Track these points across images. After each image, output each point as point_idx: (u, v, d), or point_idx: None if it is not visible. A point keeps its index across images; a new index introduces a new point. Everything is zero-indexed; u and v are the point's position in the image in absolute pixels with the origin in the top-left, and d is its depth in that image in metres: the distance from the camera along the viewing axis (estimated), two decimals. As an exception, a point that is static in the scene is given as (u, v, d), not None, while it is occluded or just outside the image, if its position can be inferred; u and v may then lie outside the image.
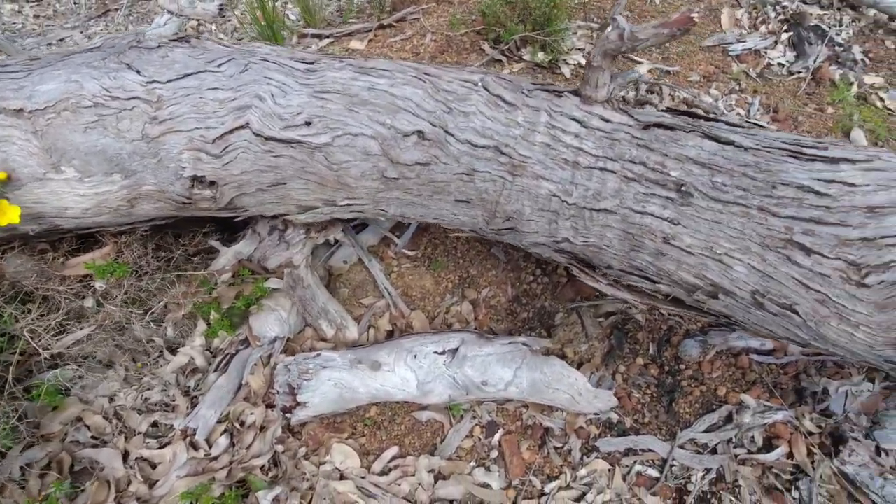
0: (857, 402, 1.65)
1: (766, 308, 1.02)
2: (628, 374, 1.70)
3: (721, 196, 1.00)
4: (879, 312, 0.89)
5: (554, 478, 1.55)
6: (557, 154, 1.13)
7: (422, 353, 1.47)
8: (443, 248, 1.92)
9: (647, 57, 2.60)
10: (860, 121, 2.44)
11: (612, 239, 1.14)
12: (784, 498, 1.52)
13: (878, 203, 0.89)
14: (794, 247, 0.94)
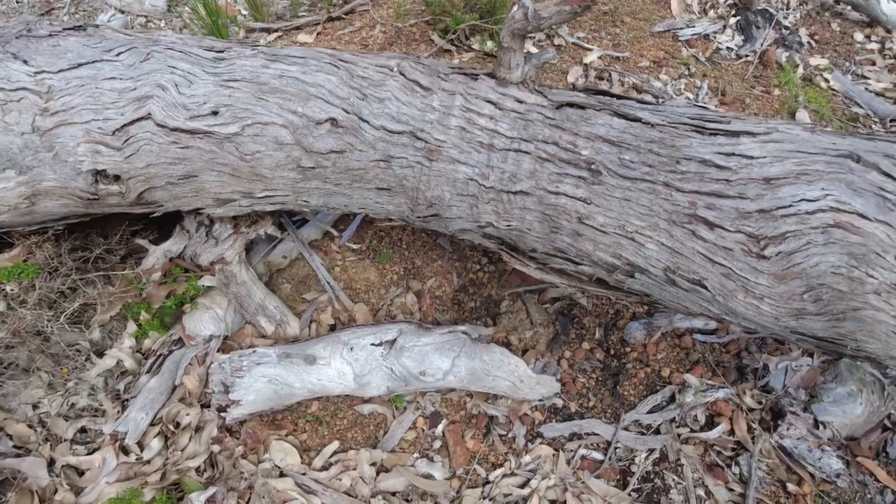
0: (797, 377, 1.67)
1: (678, 285, 1.01)
2: (574, 359, 1.70)
3: (629, 173, 1.00)
4: (779, 283, 0.89)
5: (498, 465, 1.54)
6: (473, 137, 1.11)
7: (358, 346, 1.45)
8: (388, 240, 1.89)
9: (598, 44, 2.61)
10: (805, 101, 2.47)
11: (533, 221, 1.13)
12: (725, 474, 1.53)
13: (774, 175, 0.89)
14: (699, 221, 0.94)
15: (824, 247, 0.84)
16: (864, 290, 0.82)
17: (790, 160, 0.89)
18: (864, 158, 0.84)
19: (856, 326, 0.86)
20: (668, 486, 1.52)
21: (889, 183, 0.81)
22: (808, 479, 1.52)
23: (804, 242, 0.85)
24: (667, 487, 1.52)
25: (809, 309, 0.89)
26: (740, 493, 1.49)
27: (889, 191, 0.81)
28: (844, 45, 2.76)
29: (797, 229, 0.86)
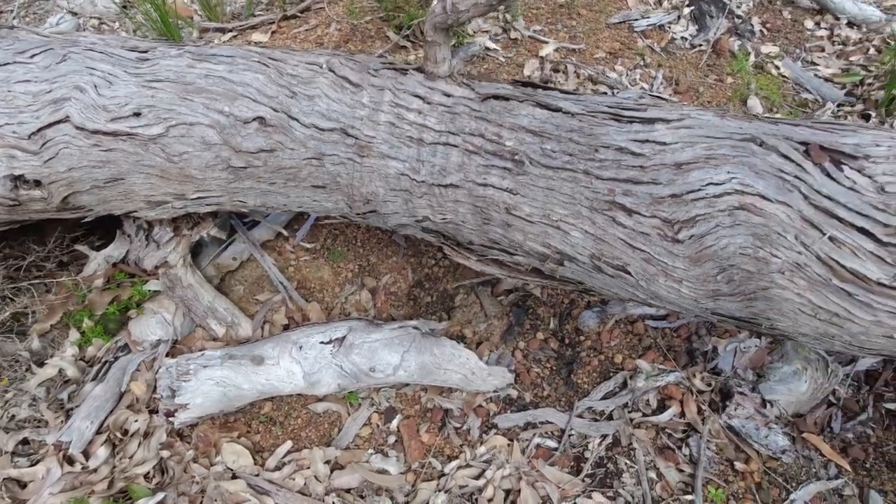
0: (745, 358, 1.71)
1: (604, 271, 1.03)
2: (528, 350, 1.72)
3: (551, 163, 1.01)
4: (694, 266, 0.91)
5: (454, 458, 1.55)
6: (402, 132, 1.11)
7: (308, 345, 1.45)
8: (343, 238, 1.89)
9: (554, 36, 2.62)
10: (757, 89, 2.51)
11: (466, 214, 1.13)
12: (676, 455, 1.56)
13: (685, 160, 0.91)
14: (617, 208, 0.95)
15: (731, 228, 0.86)
16: (769, 269, 0.84)
17: (700, 145, 0.90)
18: (765, 142, 0.86)
19: (766, 305, 0.88)
20: (620, 470, 1.54)
21: (788, 165, 0.83)
22: (756, 456, 1.55)
23: (713, 225, 0.87)
24: (619, 471, 1.54)
25: (724, 290, 0.91)
26: (690, 474, 1.52)
27: (787, 172, 0.83)
28: (795, 33, 2.82)
29: (706, 212, 0.88)
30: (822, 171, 0.79)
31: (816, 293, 0.81)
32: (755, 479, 1.52)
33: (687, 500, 1.48)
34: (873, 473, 1.55)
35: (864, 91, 2.49)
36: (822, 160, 0.80)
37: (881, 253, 0.75)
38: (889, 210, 0.75)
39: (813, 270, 0.80)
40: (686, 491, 1.50)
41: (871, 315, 0.78)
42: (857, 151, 0.79)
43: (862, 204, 0.76)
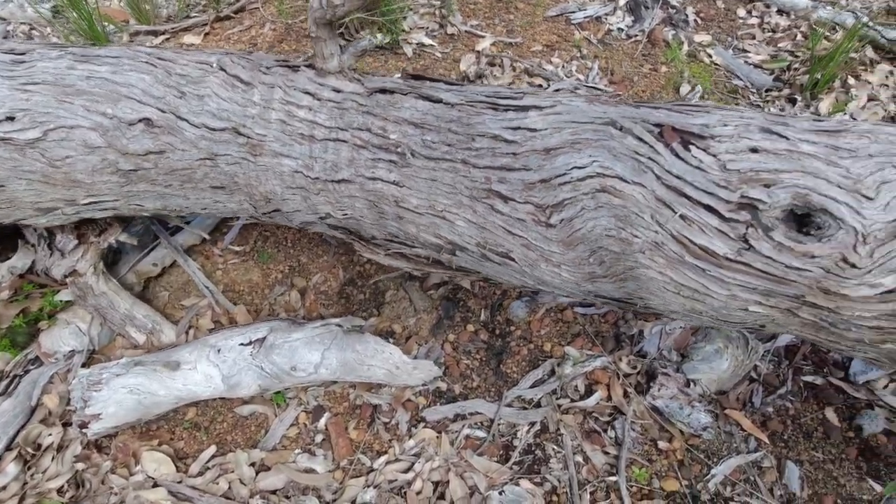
0: (670, 340, 1.74)
1: (490, 259, 1.04)
2: (458, 342, 1.73)
3: (432, 154, 1.01)
4: (568, 250, 0.93)
5: (383, 453, 1.55)
6: (294, 129, 1.11)
7: (226, 347, 1.43)
8: (273, 239, 1.87)
9: (492, 30, 2.63)
10: (689, 77, 2.56)
11: (362, 209, 1.13)
12: (602, 438, 1.58)
13: (553, 145, 0.92)
14: (494, 196, 0.96)
15: (595, 211, 0.88)
16: (632, 249, 0.86)
17: (566, 130, 0.92)
18: (623, 125, 0.88)
19: (636, 285, 0.90)
20: (548, 456, 1.56)
21: (642, 147, 0.85)
22: (679, 435, 1.59)
23: (579, 208, 0.89)
24: (547, 457, 1.56)
25: (598, 272, 0.93)
26: (615, 455, 1.55)
27: (642, 154, 0.84)
28: (728, 22, 2.88)
29: (573, 196, 0.89)
30: (671, 152, 0.81)
31: (675, 270, 0.83)
32: (678, 457, 1.56)
33: (611, 481, 1.51)
34: (791, 444, 1.59)
35: (790, 76, 2.56)
36: (674, 141, 0.82)
37: (725, 228, 0.77)
38: (730, 187, 0.77)
39: (670, 248, 0.82)
40: (611, 472, 1.52)
41: (726, 290, 0.80)
42: (704, 131, 0.81)
43: (707, 182, 0.78)
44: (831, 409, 1.65)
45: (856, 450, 1.58)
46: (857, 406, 1.66)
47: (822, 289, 0.74)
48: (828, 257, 0.72)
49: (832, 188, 0.72)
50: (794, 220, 0.75)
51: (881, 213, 0.70)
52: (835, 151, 0.74)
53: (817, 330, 0.81)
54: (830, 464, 1.56)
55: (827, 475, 1.55)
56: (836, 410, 1.65)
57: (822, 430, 1.63)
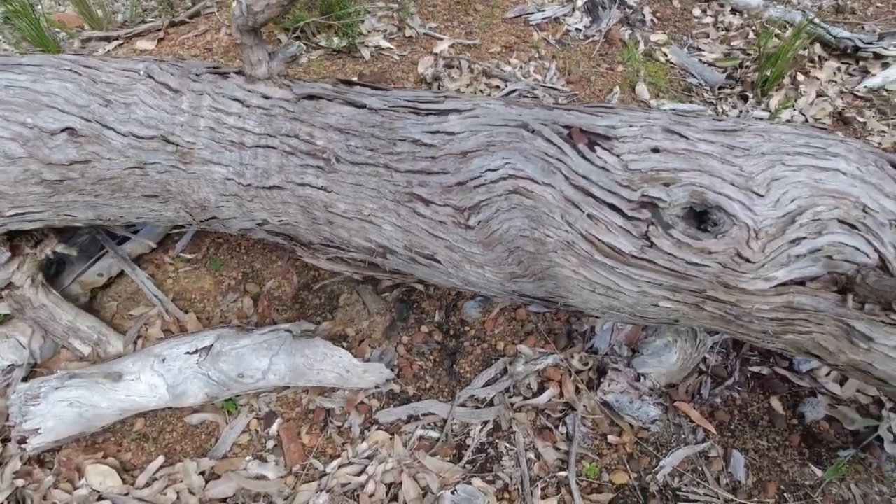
0: (622, 335, 1.77)
1: (418, 261, 1.05)
2: (412, 344, 1.73)
3: (356, 159, 1.02)
4: (488, 251, 0.94)
5: (336, 456, 1.55)
6: (224, 136, 1.11)
7: (171, 356, 1.42)
8: (227, 246, 1.86)
9: (450, 33, 2.65)
10: (646, 76, 2.60)
11: (297, 214, 1.14)
12: (553, 435, 1.60)
13: (469, 148, 0.93)
14: (416, 199, 0.98)
15: (509, 212, 0.89)
16: (546, 249, 0.88)
17: (482, 133, 0.93)
18: (534, 127, 0.89)
19: (554, 284, 0.92)
20: (500, 454, 1.58)
21: (551, 148, 0.87)
22: (628, 429, 1.61)
23: (494, 210, 0.90)
24: (499, 455, 1.58)
25: (518, 272, 0.95)
26: (566, 451, 1.57)
27: (551, 155, 0.86)
28: (684, 21, 2.94)
29: (487, 198, 0.91)
30: (578, 153, 0.83)
31: (587, 269, 0.85)
32: (627, 450, 1.58)
33: (562, 476, 1.53)
34: (737, 434, 1.63)
35: (742, 74, 2.62)
36: (581, 142, 0.84)
37: (628, 227, 0.79)
38: (632, 186, 0.79)
39: (580, 247, 0.84)
40: (562, 468, 1.54)
41: (636, 286, 0.82)
42: (609, 132, 0.83)
43: (610, 182, 0.80)
44: (776, 398, 1.70)
45: (799, 436, 1.63)
46: (801, 394, 1.71)
47: (722, 283, 0.76)
48: (723, 253, 0.74)
49: (726, 186, 0.74)
50: (695, 217, 0.78)
51: (771, 210, 0.73)
52: (730, 150, 0.77)
53: (727, 323, 0.84)
54: (775, 451, 1.61)
55: (771, 462, 1.58)
56: (780, 399, 1.70)
57: (767, 419, 1.67)
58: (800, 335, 0.78)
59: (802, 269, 0.72)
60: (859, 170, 0.73)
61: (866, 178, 0.72)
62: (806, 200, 0.72)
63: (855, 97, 2.58)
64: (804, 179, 0.73)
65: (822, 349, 0.79)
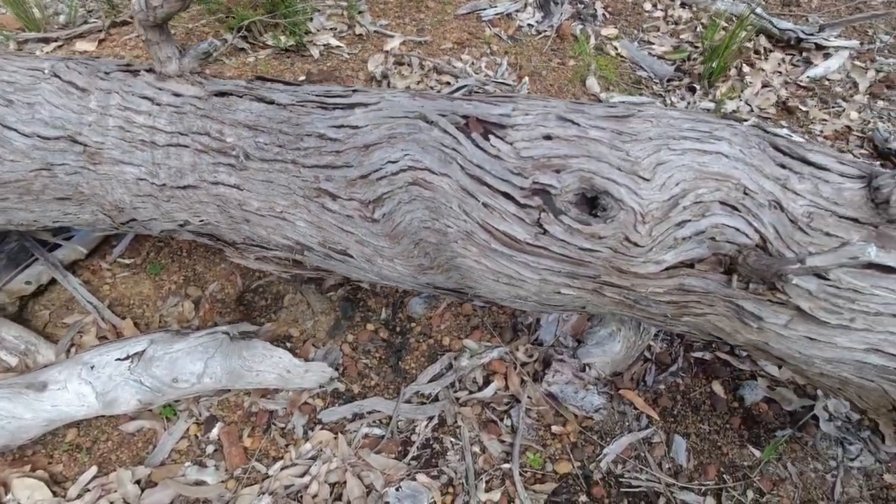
0: (567, 326, 1.78)
1: (333, 257, 1.04)
2: (357, 342, 1.72)
3: (265, 155, 1.01)
4: (395, 244, 0.94)
5: (279, 458, 1.53)
6: (134, 136, 1.08)
7: (101, 364, 1.38)
8: (167, 250, 1.82)
9: (402, 30, 2.64)
10: (596, 69, 2.63)
11: (215, 214, 1.12)
12: (498, 428, 1.61)
13: (372, 141, 0.93)
14: (324, 194, 0.97)
15: (410, 204, 0.89)
16: (448, 240, 0.88)
17: (384, 126, 0.93)
18: (432, 118, 0.89)
19: (460, 274, 0.92)
20: (445, 449, 1.57)
21: (447, 138, 0.87)
22: (572, 418, 1.63)
23: (397, 202, 0.90)
24: (444, 450, 1.57)
25: (426, 263, 0.95)
26: (511, 443, 1.57)
27: (447, 145, 0.86)
28: (635, 15, 2.97)
29: (389, 190, 0.90)
30: (472, 142, 0.83)
31: (488, 258, 0.85)
32: (571, 440, 1.59)
33: (506, 468, 1.53)
34: (679, 419, 1.66)
35: (690, 66, 2.66)
36: (477, 131, 0.84)
37: (521, 214, 0.79)
38: (524, 173, 0.79)
39: (479, 237, 0.84)
40: (506, 460, 1.55)
41: (537, 274, 0.83)
42: (504, 121, 0.83)
43: (503, 170, 0.81)
44: (718, 383, 1.73)
45: (739, 419, 1.66)
46: (741, 377, 1.74)
47: (615, 268, 0.77)
48: (613, 237, 0.75)
49: (613, 171, 0.75)
50: (588, 203, 0.78)
51: (657, 193, 0.74)
52: (619, 136, 0.77)
53: (629, 308, 0.85)
54: (715, 434, 1.64)
55: (712, 445, 1.61)
56: (722, 383, 1.73)
57: (709, 403, 1.70)
58: (696, 317, 0.79)
59: (689, 251, 0.73)
60: (742, 152, 0.74)
61: (748, 161, 0.74)
62: (690, 183, 0.73)
63: (798, 87, 2.65)
64: (688, 163, 0.74)
65: (720, 330, 0.80)
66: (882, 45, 2.82)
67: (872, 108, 2.55)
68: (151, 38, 1.05)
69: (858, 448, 1.60)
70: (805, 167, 0.74)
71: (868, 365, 0.80)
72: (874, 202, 0.69)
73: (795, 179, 0.73)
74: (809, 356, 0.81)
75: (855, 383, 0.84)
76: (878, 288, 0.73)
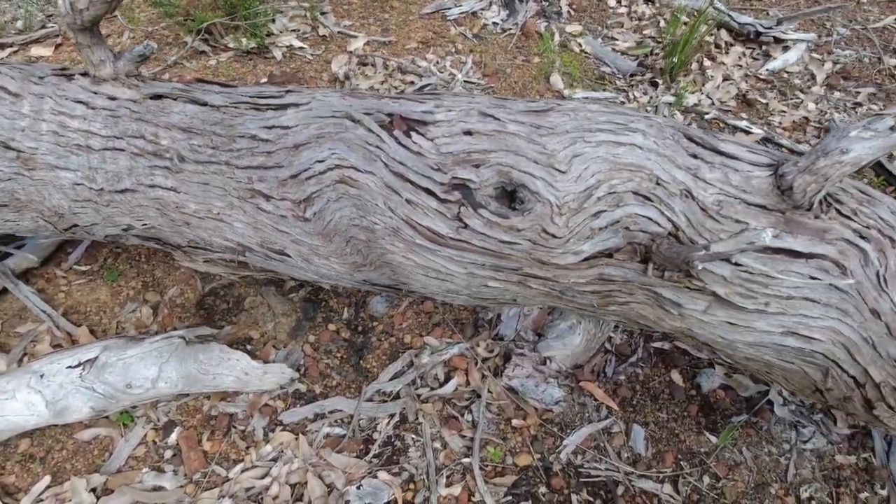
0: (528, 321, 1.80)
1: (272, 257, 1.05)
2: (318, 342, 1.73)
3: (199, 157, 1.01)
4: (328, 242, 0.95)
5: (239, 461, 1.53)
6: (69, 140, 1.08)
7: (51, 372, 1.37)
8: (125, 256, 1.81)
9: (366, 30, 2.64)
10: (561, 66, 2.65)
11: (156, 217, 1.12)
12: (459, 423, 1.62)
13: (301, 141, 0.94)
14: (258, 195, 0.97)
15: (338, 202, 0.90)
16: (376, 236, 0.89)
17: (313, 125, 0.94)
18: (357, 117, 0.90)
19: (391, 270, 0.93)
20: (407, 446, 1.58)
21: (371, 136, 0.88)
22: (533, 412, 1.64)
23: (326, 200, 0.91)
24: (406, 447, 1.58)
25: (359, 261, 0.96)
26: (471, 438, 1.59)
27: (371, 143, 0.87)
28: (599, 12, 3.01)
29: (318, 189, 0.91)
30: (395, 140, 0.84)
31: (415, 253, 0.86)
32: (531, 433, 1.61)
33: (467, 462, 1.54)
34: (638, 408, 1.68)
35: (652, 61, 2.70)
36: (400, 129, 0.85)
37: (442, 209, 0.81)
38: (443, 169, 0.81)
39: (405, 233, 0.85)
40: (467, 454, 1.56)
41: (463, 268, 0.84)
42: (426, 118, 0.85)
43: (424, 167, 0.82)
44: (677, 371, 1.76)
45: (697, 406, 1.69)
46: (700, 366, 1.77)
47: (536, 260, 0.78)
48: (531, 229, 0.76)
49: (530, 164, 0.76)
50: (509, 197, 0.79)
51: (573, 185, 0.75)
52: (537, 130, 0.79)
53: (558, 299, 0.86)
54: (674, 422, 1.66)
55: (670, 433, 1.64)
56: (681, 372, 1.76)
57: (668, 392, 1.72)
58: (620, 306, 0.81)
59: (605, 241, 0.75)
60: (656, 143, 0.76)
61: (661, 151, 0.76)
62: (604, 175, 0.75)
63: (758, 80, 2.70)
64: (603, 154, 0.75)
65: (645, 318, 0.82)
66: (839, 38, 2.88)
67: (829, 100, 2.61)
68: (82, 42, 1.04)
69: (811, 431, 1.64)
70: (716, 157, 0.76)
71: (787, 348, 0.82)
72: (780, 189, 0.72)
73: (706, 169, 0.75)
74: (732, 341, 0.83)
75: (778, 366, 0.86)
76: (788, 273, 0.75)
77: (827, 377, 0.79)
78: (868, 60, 2.78)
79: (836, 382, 0.79)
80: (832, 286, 0.74)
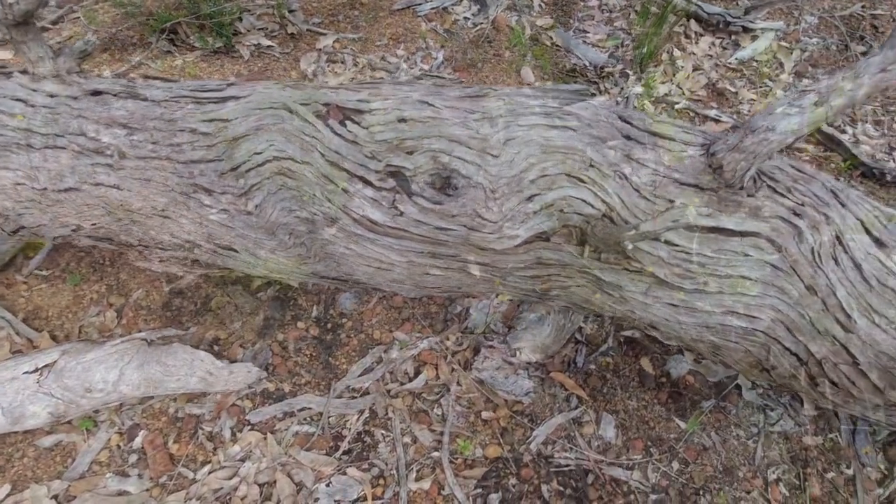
0: (498, 313, 1.80)
1: (220, 253, 1.04)
2: (287, 341, 1.71)
3: (140, 153, 1.00)
4: (271, 235, 0.94)
5: (206, 463, 1.51)
6: (8, 139, 1.06)
7: (6, 378, 1.35)
8: (88, 259, 1.79)
9: (336, 28, 2.63)
10: (532, 59, 2.65)
11: (103, 216, 1.11)
12: (429, 417, 1.61)
13: (241, 133, 0.93)
14: (200, 189, 0.96)
15: (277, 194, 0.89)
16: (317, 227, 0.88)
17: (252, 117, 0.93)
18: (294, 108, 0.90)
19: (336, 262, 0.93)
20: (376, 442, 1.58)
21: (307, 126, 0.87)
22: (503, 403, 1.64)
23: (266, 193, 0.90)
24: (376, 443, 1.58)
25: (303, 253, 0.95)
26: (441, 432, 1.58)
27: (307, 133, 0.87)
28: (570, 4, 3.01)
29: (258, 181, 0.91)
30: (330, 129, 0.84)
31: (356, 243, 0.86)
32: (501, 425, 1.61)
33: (436, 456, 1.54)
34: (608, 397, 1.69)
35: (623, 52, 2.71)
36: (336, 118, 0.85)
37: (378, 197, 0.80)
38: (377, 157, 0.80)
39: (344, 222, 0.85)
40: (437, 448, 1.56)
41: (403, 257, 0.84)
42: (362, 107, 0.84)
43: (360, 155, 0.81)
44: (647, 359, 1.77)
45: (666, 393, 1.70)
46: (669, 352, 1.78)
47: (473, 245, 0.78)
48: (465, 215, 0.76)
49: (463, 149, 0.76)
50: (446, 182, 0.79)
51: (506, 169, 0.75)
52: (471, 115, 0.79)
53: (501, 285, 0.86)
54: (643, 410, 1.67)
55: (639, 420, 1.65)
56: (651, 360, 1.77)
57: (637, 380, 1.73)
58: (563, 290, 0.81)
59: (540, 223, 0.75)
60: (590, 126, 0.77)
61: (595, 133, 0.76)
62: (537, 158, 0.75)
63: (728, 69, 2.72)
64: (535, 138, 0.76)
65: (590, 302, 0.82)
66: (807, 26, 2.91)
67: (797, 87, 2.63)
68: (17, 38, 1.03)
69: (779, 413, 1.66)
70: (650, 137, 0.76)
71: (729, 327, 0.83)
72: (712, 168, 0.72)
73: (640, 149, 0.75)
74: (676, 322, 0.84)
75: (723, 346, 0.87)
76: (723, 251, 0.75)
77: (770, 355, 0.79)
78: (835, 48, 2.82)
79: (778, 360, 0.80)
80: (767, 263, 0.74)
